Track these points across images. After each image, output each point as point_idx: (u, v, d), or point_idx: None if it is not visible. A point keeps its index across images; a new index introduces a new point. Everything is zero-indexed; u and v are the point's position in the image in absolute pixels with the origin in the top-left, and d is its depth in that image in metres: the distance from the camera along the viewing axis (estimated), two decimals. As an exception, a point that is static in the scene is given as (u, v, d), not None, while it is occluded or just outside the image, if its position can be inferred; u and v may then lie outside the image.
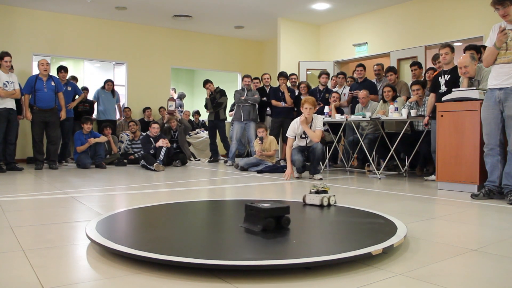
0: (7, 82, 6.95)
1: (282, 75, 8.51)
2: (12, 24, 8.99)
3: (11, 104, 7.01)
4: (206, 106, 9.15)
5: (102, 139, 8.04)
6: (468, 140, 4.78)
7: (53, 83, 7.44)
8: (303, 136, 6.08)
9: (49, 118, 7.38)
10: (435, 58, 6.57)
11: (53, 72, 7.93)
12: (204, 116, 10.68)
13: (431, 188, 5.18)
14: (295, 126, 6.12)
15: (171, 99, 8.75)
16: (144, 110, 10.09)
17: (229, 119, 9.79)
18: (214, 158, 9.28)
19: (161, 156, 7.63)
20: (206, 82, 9.09)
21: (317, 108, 6.36)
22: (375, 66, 7.87)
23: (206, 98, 9.10)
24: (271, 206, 2.54)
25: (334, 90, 8.48)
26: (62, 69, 8.36)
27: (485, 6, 7.14)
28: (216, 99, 8.92)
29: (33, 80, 7.32)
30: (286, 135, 6.23)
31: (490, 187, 4.32)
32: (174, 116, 8.62)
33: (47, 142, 7.50)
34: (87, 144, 7.74)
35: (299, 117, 6.16)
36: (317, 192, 3.11)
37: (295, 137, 6.15)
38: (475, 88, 4.77)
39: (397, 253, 2.24)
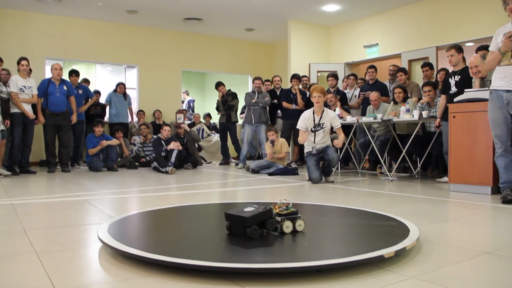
0: (24, 87, 7.02)
1: (295, 77, 8.50)
2: (25, 29, 9.09)
3: (27, 108, 7.09)
4: (217, 109, 9.16)
5: (114, 142, 8.08)
6: (481, 141, 4.74)
7: (65, 87, 7.52)
8: (313, 129, 5.99)
9: (61, 121, 7.44)
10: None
11: (65, 76, 7.99)
12: (215, 118, 10.70)
13: (443, 190, 5.14)
14: (306, 117, 6.00)
15: (180, 111, 8.77)
16: (154, 112, 10.14)
17: (240, 121, 9.81)
18: (225, 160, 9.29)
19: (173, 159, 7.65)
20: (219, 85, 9.08)
21: (326, 97, 6.27)
22: (391, 67, 7.85)
23: (218, 100, 9.11)
24: (254, 212, 2.40)
25: (345, 91, 8.48)
26: (73, 73, 8.43)
27: (496, 6, 7.11)
28: (228, 102, 8.93)
29: (45, 84, 7.38)
30: (297, 127, 6.11)
31: (511, 187, 4.20)
32: (182, 128, 8.60)
33: (59, 145, 7.56)
34: (99, 147, 7.77)
35: (309, 109, 6.08)
36: (279, 215, 2.50)
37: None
38: (487, 88, 4.72)
39: (410, 256, 2.23)
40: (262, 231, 2.44)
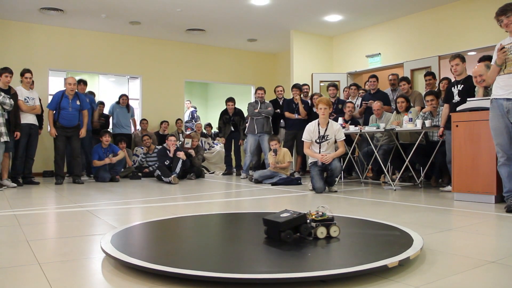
0: (28, 98, 7.10)
1: (296, 86, 8.52)
2: (28, 40, 9.16)
3: (32, 119, 7.14)
4: (219, 130, 9.19)
5: (120, 156, 8.05)
6: (484, 149, 4.73)
7: (78, 102, 7.45)
8: (318, 141, 6.00)
9: (71, 133, 7.41)
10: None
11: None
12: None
13: (447, 199, 5.12)
14: (310, 129, 6.02)
15: (188, 136, 8.80)
16: (161, 123, 10.16)
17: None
18: (228, 170, 9.27)
19: (178, 169, 7.66)
20: (229, 100, 9.15)
21: (332, 109, 6.29)
22: (390, 76, 7.86)
23: (223, 117, 9.07)
24: (288, 218, 2.53)
25: (347, 101, 8.46)
26: (81, 82, 8.43)
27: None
28: (234, 121, 8.97)
29: (59, 97, 7.33)
30: (302, 139, 6.12)
31: None
32: (188, 152, 8.56)
33: (69, 156, 7.54)
34: (107, 160, 7.77)
35: (314, 121, 6.10)
36: (314, 221, 2.59)
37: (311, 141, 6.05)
38: (489, 97, 4.72)
39: (414, 266, 2.22)
40: (297, 236, 2.56)
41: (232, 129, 9.04)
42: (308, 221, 2.61)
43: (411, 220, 3.65)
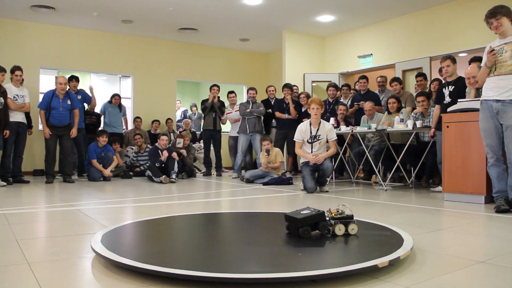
0: (17, 95, 7.04)
1: (287, 86, 8.53)
2: (20, 38, 9.09)
3: (20, 117, 7.09)
4: (203, 109, 8.98)
5: (114, 163, 7.99)
6: (474, 150, 4.76)
7: (69, 102, 7.38)
8: (310, 141, 6.01)
9: (62, 132, 7.35)
10: (442, 70, 6.57)
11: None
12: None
13: (437, 199, 5.15)
14: (302, 129, 6.02)
15: (180, 135, 8.74)
16: (153, 122, 10.13)
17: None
18: (207, 171, 9.09)
19: (176, 168, 7.66)
20: (214, 85, 8.95)
21: (324, 109, 6.29)
22: (379, 78, 7.88)
23: (206, 103, 8.90)
24: (307, 214, 2.63)
25: (340, 102, 8.48)
26: (73, 79, 8.32)
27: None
28: (214, 108, 8.78)
29: (49, 97, 7.26)
30: (294, 139, 6.12)
31: (504, 196, 4.23)
32: (180, 152, 8.49)
33: (61, 155, 7.48)
34: (99, 167, 7.75)
35: (306, 121, 6.10)
36: (333, 219, 2.68)
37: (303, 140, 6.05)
38: (480, 98, 4.75)
39: (404, 266, 2.22)
40: (316, 232, 2.66)
41: (213, 116, 8.82)
42: (327, 218, 2.69)
43: (402, 220, 3.67)
